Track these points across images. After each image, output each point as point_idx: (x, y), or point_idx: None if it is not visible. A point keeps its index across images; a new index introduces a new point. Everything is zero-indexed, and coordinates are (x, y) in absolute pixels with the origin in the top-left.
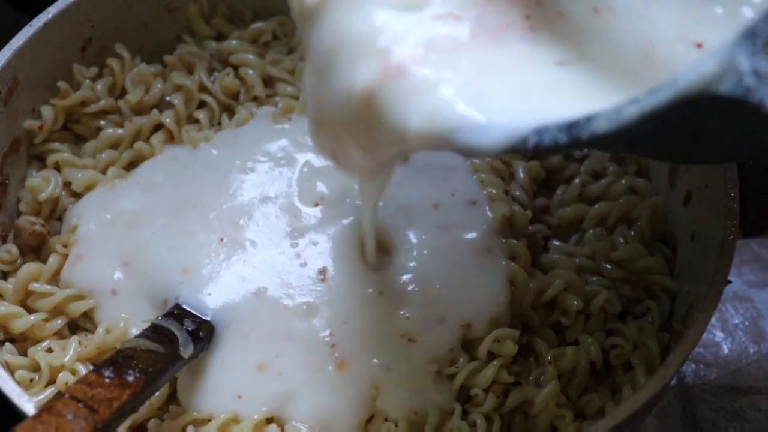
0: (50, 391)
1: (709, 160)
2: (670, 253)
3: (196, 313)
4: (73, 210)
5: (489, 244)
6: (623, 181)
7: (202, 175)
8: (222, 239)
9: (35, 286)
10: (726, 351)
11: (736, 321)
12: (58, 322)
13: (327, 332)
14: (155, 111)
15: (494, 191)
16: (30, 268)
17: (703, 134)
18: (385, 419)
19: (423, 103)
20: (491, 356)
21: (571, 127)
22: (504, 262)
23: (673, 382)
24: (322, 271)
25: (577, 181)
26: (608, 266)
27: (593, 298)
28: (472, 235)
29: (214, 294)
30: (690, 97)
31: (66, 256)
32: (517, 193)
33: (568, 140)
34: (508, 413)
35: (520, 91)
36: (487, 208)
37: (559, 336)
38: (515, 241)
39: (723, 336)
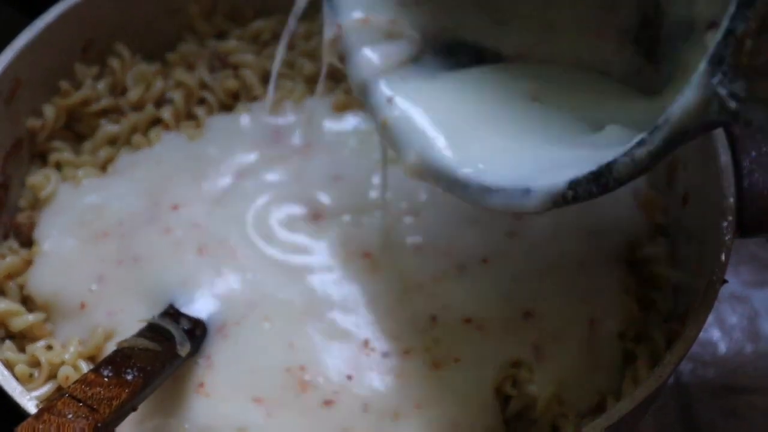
0: (49, 387)
1: None
2: (670, 247)
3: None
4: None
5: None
6: None
7: (188, 166)
8: (212, 236)
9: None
10: (723, 350)
11: (734, 320)
12: None
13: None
14: (150, 106)
15: None
16: (13, 260)
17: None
18: None
19: None
20: None
21: (598, 177)
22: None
23: (671, 381)
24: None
25: None
26: None
27: None
28: None
29: (206, 295)
30: (686, 128)
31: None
32: None
33: (598, 190)
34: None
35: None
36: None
37: None
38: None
39: (720, 335)
